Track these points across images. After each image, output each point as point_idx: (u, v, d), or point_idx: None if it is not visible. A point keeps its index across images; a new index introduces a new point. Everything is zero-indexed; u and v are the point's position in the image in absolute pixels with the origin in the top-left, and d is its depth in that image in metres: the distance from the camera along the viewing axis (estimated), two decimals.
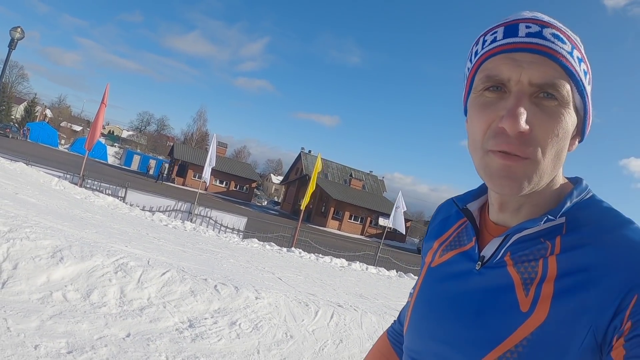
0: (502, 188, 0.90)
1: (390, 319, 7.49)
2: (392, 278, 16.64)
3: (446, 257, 1.15)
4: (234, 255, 11.01)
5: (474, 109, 0.94)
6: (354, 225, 49.36)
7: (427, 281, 1.19)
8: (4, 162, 12.82)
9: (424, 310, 1.13)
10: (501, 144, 0.87)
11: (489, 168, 0.90)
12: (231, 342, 5.25)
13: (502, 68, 0.90)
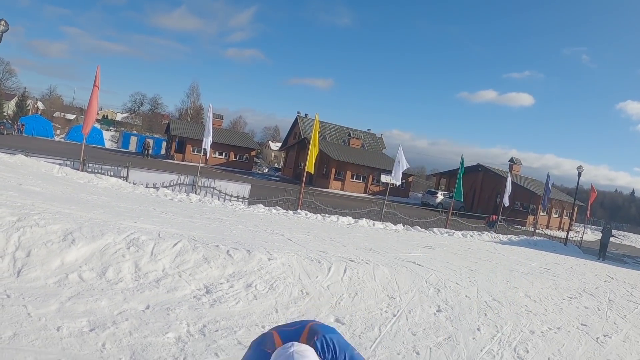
0: None
1: (402, 270, 7.56)
2: (400, 232, 16.77)
3: None
4: (242, 221, 11.06)
5: None
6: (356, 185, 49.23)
7: None
8: (3, 157, 12.76)
9: None
10: None
11: None
12: (249, 303, 5.32)
13: None
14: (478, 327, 5.86)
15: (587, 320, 6.90)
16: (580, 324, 6.64)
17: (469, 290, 7.38)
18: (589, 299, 8.34)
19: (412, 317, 5.88)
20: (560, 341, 5.81)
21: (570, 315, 7.06)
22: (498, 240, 19.58)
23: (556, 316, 6.88)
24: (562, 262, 13.53)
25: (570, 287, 9.12)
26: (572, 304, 7.76)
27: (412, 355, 4.78)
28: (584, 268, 12.98)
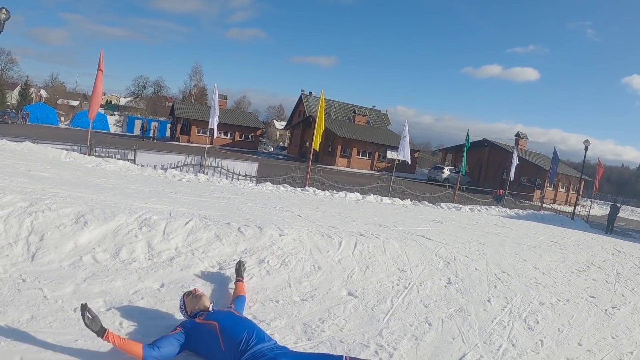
0: None
1: (411, 243, 7.59)
2: (408, 207, 16.81)
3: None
4: (251, 199, 11.12)
5: None
6: (362, 161, 49.22)
7: None
8: (10, 145, 12.80)
9: None
10: None
11: None
12: (262, 279, 5.38)
13: None
14: (488, 299, 5.90)
15: (595, 292, 6.93)
16: (588, 296, 6.67)
17: (479, 263, 7.41)
18: (597, 271, 8.36)
19: (423, 289, 5.93)
20: (570, 313, 5.85)
21: (579, 287, 7.09)
22: (505, 215, 19.58)
23: (565, 288, 6.91)
24: (569, 236, 13.54)
25: (579, 260, 9.14)
26: (581, 277, 7.78)
27: (425, 326, 4.84)
28: (592, 242, 12.99)
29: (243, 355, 3.21)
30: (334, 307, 4.99)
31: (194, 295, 3.89)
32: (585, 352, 4.71)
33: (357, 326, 4.64)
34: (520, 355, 4.43)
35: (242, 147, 50.58)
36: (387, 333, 4.56)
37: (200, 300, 3.84)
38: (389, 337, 4.45)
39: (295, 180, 18.94)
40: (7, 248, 4.78)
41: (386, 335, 4.49)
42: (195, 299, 3.85)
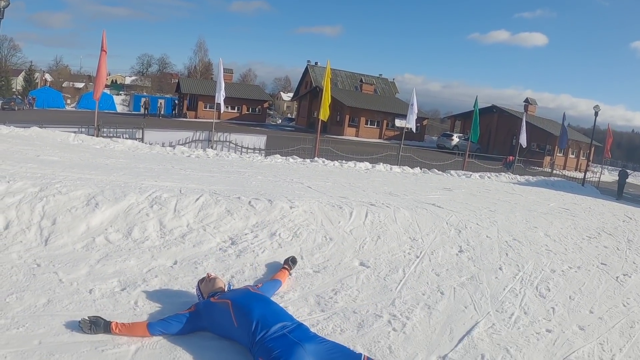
0: None
1: (422, 212, 7.58)
2: (417, 175, 16.79)
3: None
4: (261, 172, 11.15)
5: None
6: (371, 130, 48.88)
7: None
8: (18, 131, 12.83)
9: None
10: None
11: None
12: (274, 252, 5.42)
13: None
14: (500, 267, 5.90)
15: (606, 259, 6.90)
16: (600, 263, 6.65)
17: (490, 231, 7.40)
18: (608, 238, 8.32)
19: (435, 258, 5.95)
20: (581, 280, 5.84)
21: (590, 254, 7.07)
22: (515, 181, 19.47)
23: (576, 255, 6.90)
24: (580, 203, 13.47)
25: (589, 227, 9.10)
26: (592, 244, 7.75)
27: (437, 295, 4.86)
28: (602, 208, 12.90)
29: (259, 332, 3.19)
30: (346, 278, 5.02)
31: (207, 280, 3.90)
32: (596, 319, 4.71)
33: (369, 296, 4.67)
34: (532, 323, 4.44)
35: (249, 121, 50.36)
36: (400, 302, 4.58)
37: (214, 282, 3.85)
38: (402, 307, 4.48)
39: (304, 151, 18.90)
40: (21, 234, 4.83)
41: (399, 305, 4.52)
42: (209, 283, 3.86)
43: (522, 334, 4.18)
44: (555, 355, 3.85)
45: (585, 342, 4.13)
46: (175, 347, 3.31)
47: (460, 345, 3.85)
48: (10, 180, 5.54)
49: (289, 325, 3.29)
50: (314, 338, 3.24)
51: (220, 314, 3.45)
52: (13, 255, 4.44)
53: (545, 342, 4.07)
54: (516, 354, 3.80)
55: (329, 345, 3.21)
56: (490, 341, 3.98)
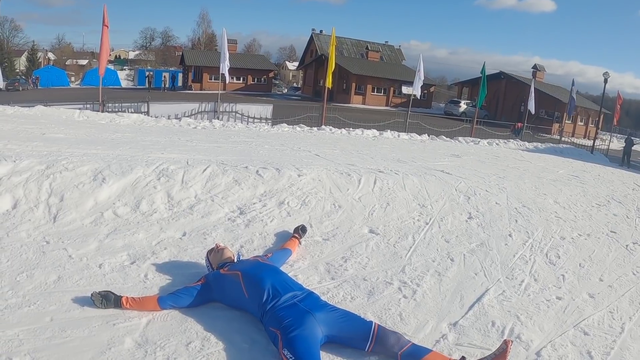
0: None
1: (431, 178, 7.51)
2: (425, 142, 16.73)
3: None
4: (267, 141, 11.12)
5: None
6: (377, 98, 48.55)
7: None
8: (23, 110, 12.80)
9: None
10: None
11: None
12: (283, 220, 5.40)
13: None
14: (509, 233, 5.86)
15: (616, 227, 6.82)
16: (609, 231, 6.57)
17: (499, 197, 7.34)
18: (618, 206, 8.21)
19: (444, 224, 5.91)
20: (591, 247, 5.78)
21: (600, 222, 6.99)
22: (524, 148, 19.34)
23: (586, 223, 6.83)
24: (589, 170, 13.32)
25: (599, 195, 9.00)
26: (601, 211, 7.67)
27: (447, 261, 4.84)
28: (612, 176, 12.76)
29: (270, 302, 3.18)
30: (356, 245, 5.01)
31: (216, 250, 3.88)
32: (606, 287, 4.67)
33: (379, 263, 4.66)
34: (542, 290, 4.41)
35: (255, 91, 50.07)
36: (410, 269, 4.57)
37: (223, 253, 3.83)
38: (412, 274, 4.47)
39: (310, 119, 18.85)
40: (29, 212, 4.82)
41: (409, 272, 4.51)
42: (218, 254, 3.84)
43: (533, 301, 4.16)
44: (565, 323, 3.82)
45: (595, 310, 4.11)
46: (186, 319, 3.32)
47: (471, 312, 3.84)
48: (17, 159, 5.51)
49: (299, 294, 3.27)
50: (324, 306, 3.23)
51: (230, 285, 3.44)
52: (22, 234, 4.43)
53: (556, 309, 4.05)
54: (526, 321, 3.78)
55: (340, 313, 3.20)
56: (500, 308, 3.96)
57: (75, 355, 2.81)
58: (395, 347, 3.00)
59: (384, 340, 3.03)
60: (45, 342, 2.89)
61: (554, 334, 3.62)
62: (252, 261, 3.74)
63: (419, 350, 3.04)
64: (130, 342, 2.99)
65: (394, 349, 3.00)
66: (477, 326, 3.63)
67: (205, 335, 3.16)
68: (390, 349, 3.01)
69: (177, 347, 2.99)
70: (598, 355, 3.36)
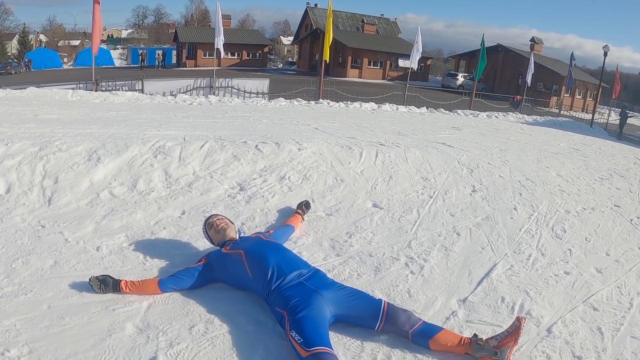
0: None
1: (433, 151, 7.40)
2: (425, 114, 16.60)
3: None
4: (265, 115, 10.97)
5: None
6: (374, 71, 48.41)
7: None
8: (14, 93, 12.51)
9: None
10: None
11: None
12: (284, 196, 5.28)
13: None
14: (514, 207, 5.75)
15: (619, 201, 6.71)
16: (613, 205, 6.46)
17: (502, 170, 7.24)
18: (620, 180, 8.10)
19: (449, 198, 5.80)
20: (596, 222, 5.67)
21: (603, 195, 6.89)
22: (523, 121, 19.20)
23: (589, 196, 6.72)
24: (590, 143, 13.18)
25: (601, 168, 8.88)
26: (604, 185, 7.56)
27: (453, 236, 4.74)
28: (612, 150, 12.63)
29: (275, 281, 3.06)
30: (360, 220, 4.90)
31: (216, 229, 3.69)
32: (613, 262, 4.57)
33: (385, 238, 4.55)
34: (550, 264, 4.32)
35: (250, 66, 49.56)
36: (416, 244, 4.47)
37: (225, 233, 3.66)
38: (419, 249, 4.37)
39: (308, 93, 18.65)
40: (23, 196, 4.65)
41: (415, 247, 4.40)
42: (219, 234, 3.67)
43: (541, 276, 4.07)
44: (574, 298, 3.73)
45: (603, 285, 4.02)
46: (187, 301, 3.20)
47: (480, 288, 3.74)
48: (9, 142, 5.32)
49: (305, 272, 3.16)
50: (331, 285, 3.11)
51: (233, 264, 3.32)
52: (17, 219, 4.27)
53: (564, 284, 3.96)
54: (536, 296, 3.69)
55: (348, 291, 3.09)
56: (509, 283, 3.87)
57: (75, 343, 2.69)
58: (406, 325, 2.90)
59: (394, 319, 2.93)
60: (43, 331, 2.77)
61: (564, 309, 3.54)
62: (254, 239, 3.60)
63: (431, 328, 2.94)
64: (131, 327, 2.87)
65: (404, 328, 2.90)
66: (487, 302, 3.54)
67: (209, 318, 3.04)
68: (401, 327, 2.91)
69: (180, 332, 2.88)
70: (608, 332, 3.27)
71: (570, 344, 3.08)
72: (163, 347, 2.72)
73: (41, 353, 2.59)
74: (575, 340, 3.12)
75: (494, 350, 2.75)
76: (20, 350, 2.59)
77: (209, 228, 3.76)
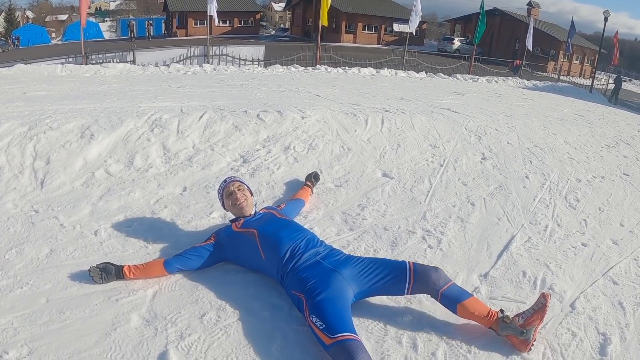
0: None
1: (439, 117, 7.18)
2: (425, 79, 16.43)
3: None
4: (264, 83, 10.68)
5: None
6: (369, 36, 47.80)
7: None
8: (1, 71, 12.05)
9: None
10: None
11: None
12: (290, 167, 5.07)
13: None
14: (526, 175, 5.57)
15: (628, 170, 6.52)
16: (622, 174, 6.27)
17: (510, 137, 7.04)
18: (626, 148, 7.91)
19: (459, 166, 5.60)
20: (607, 191, 5.50)
21: (612, 164, 6.70)
22: (523, 86, 18.98)
23: (598, 164, 6.54)
24: (592, 110, 12.93)
25: (607, 135, 8.68)
26: (611, 153, 7.37)
27: (468, 206, 4.54)
28: (615, 116, 12.41)
29: (290, 262, 2.86)
30: (371, 191, 4.69)
31: (234, 202, 3.39)
32: (627, 233, 4.40)
33: (399, 210, 4.35)
34: (567, 236, 4.15)
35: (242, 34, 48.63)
36: (431, 216, 4.27)
37: (242, 210, 3.37)
38: (434, 221, 4.17)
39: (304, 59, 18.37)
40: (14, 180, 4.35)
41: (430, 219, 4.21)
42: (235, 208, 3.39)
43: (559, 248, 3.91)
44: (594, 272, 3.59)
45: (621, 258, 3.87)
46: (196, 286, 2.99)
47: (500, 262, 3.58)
48: None
49: (321, 251, 2.95)
50: (349, 260, 2.89)
51: (245, 245, 3.10)
52: (8, 205, 3.98)
53: (583, 257, 3.80)
54: (556, 270, 3.53)
55: (367, 262, 2.88)
56: (529, 256, 3.71)
57: (77, 340, 2.48)
58: (437, 282, 2.72)
59: (425, 277, 2.74)
60: (42, 328, 2.55)
61: (585, 283, 3.40)
62: (268, 216, 3.33)
63: (461, 292, 2.77)
64: (137, 319, 2.66)
65: (435, 286, 2.71)
66: (508, 277, 3.38)
67: (220, 305, 2.83)
68: (432, 286, 2.72)
69: (190, 321, 2.67)
70: (629, 306, 3.15)
71: (594, 320, 2.96)
72: (173, 339, 2.53)
73: (42, 353, 2.38)
74: (598, 316, 3.01)
75: (520, 329, 2.60)
76: (20, 351, 2.38)
77: (227, 195, 3.45)
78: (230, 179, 3.56)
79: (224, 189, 3.48)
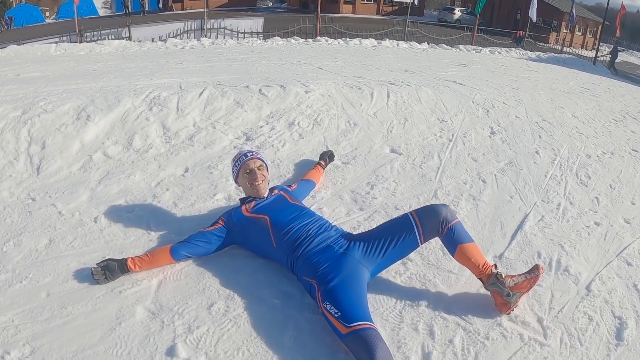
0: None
1: (445, 90, 7.03)
2: (427, 50, 16.25)
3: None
4: (264, 56, 10.49)
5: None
6: (368, 6, 47.03)
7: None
8: None
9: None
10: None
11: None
12: (296, 144, 4.91)
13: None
14: (536, 150, 5.42)
15: (636, 145, 6.33)
16: (631, 149, 6.09)
17: (518, 110, 6.88)
18: (634, 123, 7.71)
19: (468, 141, 5.45)
20: (617, 167, 5.35)
21: (620, 139, 6.53)
22: (527, 57, 18.73)
23: (607, 139, 6.37)
24: (597, 83, 12.69)
25: (614, 109, 8.48)
26: (620, 127, 7.18)
27: (479, 183, 4.41)
28: (621, 90, 12.16)
29: (300, 247, 2.74)
30: (380, 168, 4.56)
31: (251, 181, 3.19)
32: (639, 212, 4.28)
33: (409, 188, 4.23)
34: (580, 215, 4.03)
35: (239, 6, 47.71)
36: (443, 194, 4.15)
37: (258, 192, 3.19)
38: (446, 199, 4.05)
39: (304, 31, 18.18)
40: (9, 167, 4.17)
41: (442, 197, 4.08)
42: (251, 188, 3.20)
43: (573, 227, 3.80)
44: (608, 252, 3.48)
45: (634, 238, 3.75)
46: (202, 274, 2.86)
47: (514, 242, 3.47)
48: None
49: (333, 235, 2.83)
50: (359, 241, 2.76)
51: (256, 231, 2.95)
52: (4, 194, 3.81)
53: (596, 236, 3.70)
54: (571, 250, 3.43)
55: (372, 234, 2.80)
56: (543, 236, 3.60)
57: (81, 336, 2.36)
58: (446, 217, 2.72)
59: (430, 213, 2.76)
60: (44, 325, 2.42)
61: (599, 265, 3.30)
62: (280, 201, 3.16)
63: (465, 233, 2.77)
64: (142, 312, 2.54)
65: (444, 220, 2.72)
66: (523, 258, 3.28)
67: (229, 294, 2.71)
68: (441, 219, 2.71)
69: (197, 313, 2.55)
70: None
71: (610, 303, 2.87)
72: (181, 332, 2.41)
73: (45, 352, 2.26)
74: (614, 299, 2.92)
75: (507, 290, 2.57)
76: (22, 350, 2.26)
77: (244, 172, 3.23)
78: (252, 155, 3.29)
79: (243, 164, 3.25)
